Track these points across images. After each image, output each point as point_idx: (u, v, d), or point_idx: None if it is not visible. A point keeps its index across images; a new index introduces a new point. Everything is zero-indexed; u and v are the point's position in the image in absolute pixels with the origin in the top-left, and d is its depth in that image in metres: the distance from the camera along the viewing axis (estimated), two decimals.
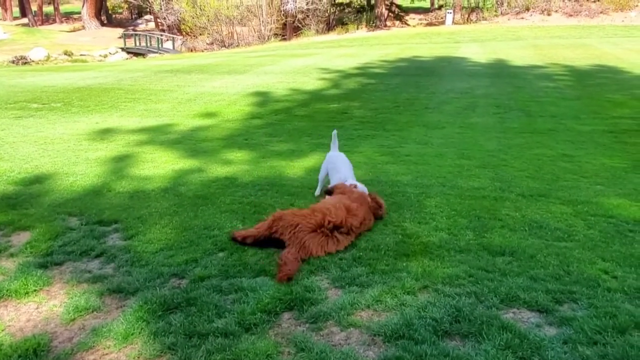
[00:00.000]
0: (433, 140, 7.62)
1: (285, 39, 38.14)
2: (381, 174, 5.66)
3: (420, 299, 2.95)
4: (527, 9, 39.82)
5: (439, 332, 2.60)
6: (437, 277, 3.19)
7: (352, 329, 2.68)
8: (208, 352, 2.48)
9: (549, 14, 38.88)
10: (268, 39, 37.66)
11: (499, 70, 16.09)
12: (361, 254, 3.56)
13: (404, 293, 3.00)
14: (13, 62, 30.67)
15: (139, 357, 2.49)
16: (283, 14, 38.64)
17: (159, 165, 5.98)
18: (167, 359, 2.46)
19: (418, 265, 3.36)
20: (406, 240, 3.78)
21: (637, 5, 37.64)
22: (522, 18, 39.06)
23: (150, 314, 2.82)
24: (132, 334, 2.65)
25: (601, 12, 37.47)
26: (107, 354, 2.53)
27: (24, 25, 50.58)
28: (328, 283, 3.18)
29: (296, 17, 38.96)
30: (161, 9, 41.32)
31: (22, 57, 31.70)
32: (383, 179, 5.41)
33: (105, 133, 7.94)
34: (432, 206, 4.53)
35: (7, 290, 3.10)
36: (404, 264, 3.38)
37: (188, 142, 7.29)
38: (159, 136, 7.75)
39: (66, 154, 6.54)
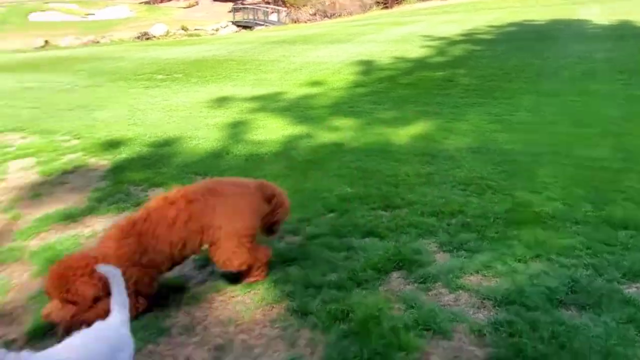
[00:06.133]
0: (546, 109, 7.16)
1: (387, 7, 37.24)
2: (490, 142, 5.49)
3: (532, 267, 2.90)
4: None
5: (554, 301, 2.57)
6: (551, 247, 3.11)
7: (460, 291, 2.73)
8: (323, 302, 2.68)
9: None
10: (370, 7, 37.01)
11: (624, 32, 14.45)
12: (469, 220, 3.55)
13: (514, 261, 2.97)
14: (138, 37, 33.38)
15: (262, 301, 2.76)
16: None
17: (270, 131, 6.32)
18: (286, 305, 2.71)
19: (530, 234, 3.29)
20: (517, 208, 3.70)
21: None
22: None
23: (269, 265, 3.07)
24: (255, 281, 2.93)
25: None
26: (234, 296, 2.84)
27: (146, 3, 54.49)
28: (436, 247, 3.24)
29: None
30: None
31: (145, 33, 34.32)
32: (491, 147, 5.26)
33: (221, 101, 8.50)
34: (544, 175, 4.34)
35: None
36: (515, 232, 3.32)
37: (296, 110, 7.58)
38: (269, 104, 8.13)
39: (189, 120, 7.15)
